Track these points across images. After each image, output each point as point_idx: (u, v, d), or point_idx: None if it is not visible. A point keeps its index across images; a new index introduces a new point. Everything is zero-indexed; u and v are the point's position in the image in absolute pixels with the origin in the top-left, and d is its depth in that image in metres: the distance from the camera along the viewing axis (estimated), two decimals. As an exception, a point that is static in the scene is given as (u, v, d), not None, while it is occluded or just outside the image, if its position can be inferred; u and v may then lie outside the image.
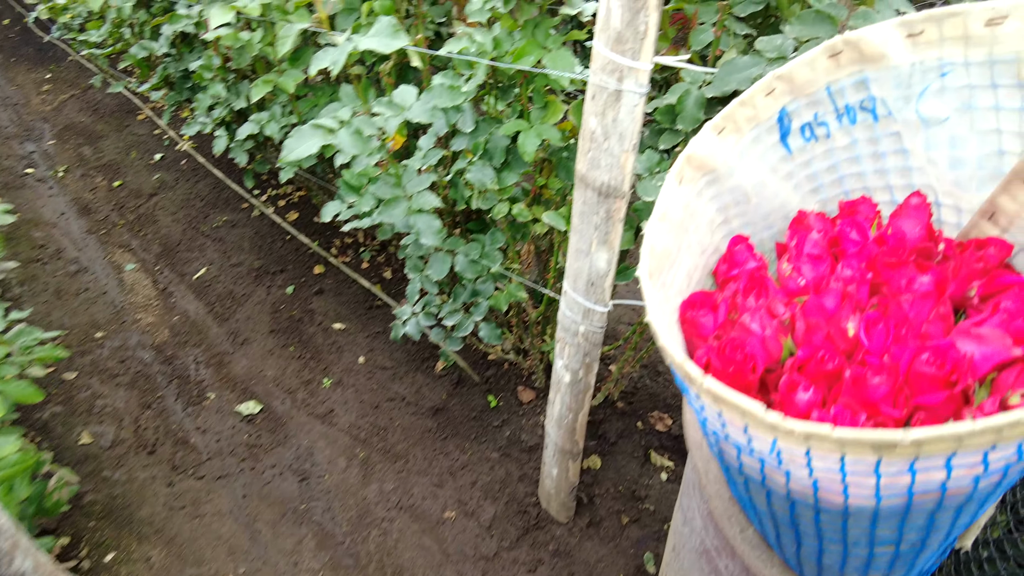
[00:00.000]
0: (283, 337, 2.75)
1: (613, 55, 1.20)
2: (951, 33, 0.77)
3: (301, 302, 2.87)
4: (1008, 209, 0.78)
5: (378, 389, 2.50)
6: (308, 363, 2.65)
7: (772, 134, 0.89)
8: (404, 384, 2.51)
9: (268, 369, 2.63)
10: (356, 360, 2.61)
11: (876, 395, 0.72)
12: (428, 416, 2.40)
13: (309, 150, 1.42)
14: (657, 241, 0.78)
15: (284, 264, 3.08)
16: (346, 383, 2.56)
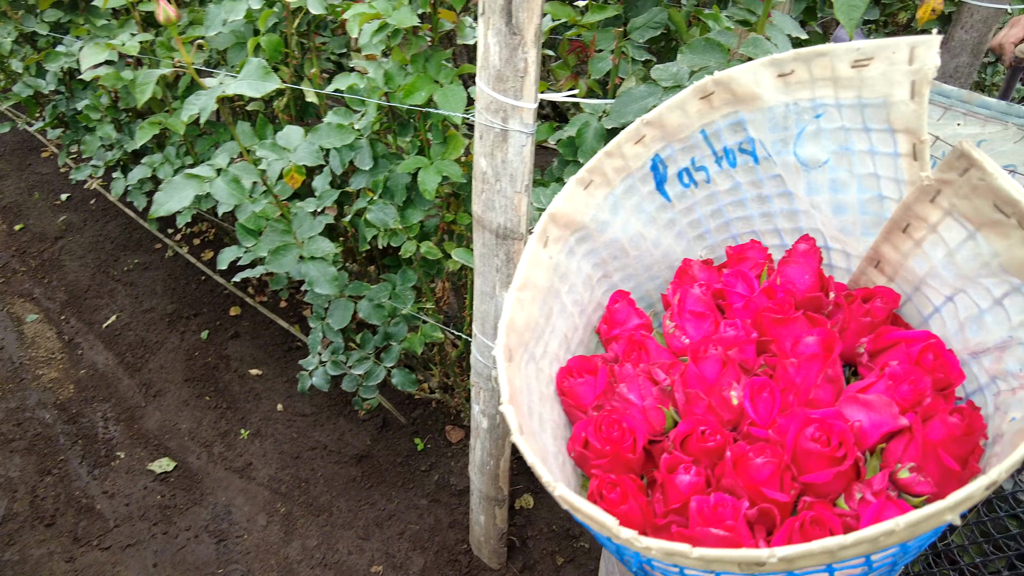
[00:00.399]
0: (198, 386, 2.60)
1: (495, 94, 1.13)
2: (820, 74, 0.71)
3: (216, 347, 2.72)
4: (891, 258, 0.73)
5: (299, 438, 2.38)
6: (224, 413, 2.50)
7: (647, 183, 0.83)
8: (326, 431, 2.39)
9: (183, 422, 2.48)
10: (275, 408, 2.48)
11: (760, 477, 0.66)
12: (352, 464, 2.28)
13: (182, 203, 1.31)
14: (518, 314, 0.70)
15: (199, 307, 2.93)
16: (265, 433, 2.42)
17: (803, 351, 0.72)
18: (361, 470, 2.24)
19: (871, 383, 0.69)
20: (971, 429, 0.60)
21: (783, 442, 0.67)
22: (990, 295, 0.63)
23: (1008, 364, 0.61)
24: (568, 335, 0.82)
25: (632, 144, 0.79)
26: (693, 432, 0.71)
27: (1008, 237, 0.59)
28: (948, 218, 0.64)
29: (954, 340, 0.69)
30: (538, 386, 0.75)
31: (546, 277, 0.75)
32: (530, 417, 0.70)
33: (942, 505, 0.47)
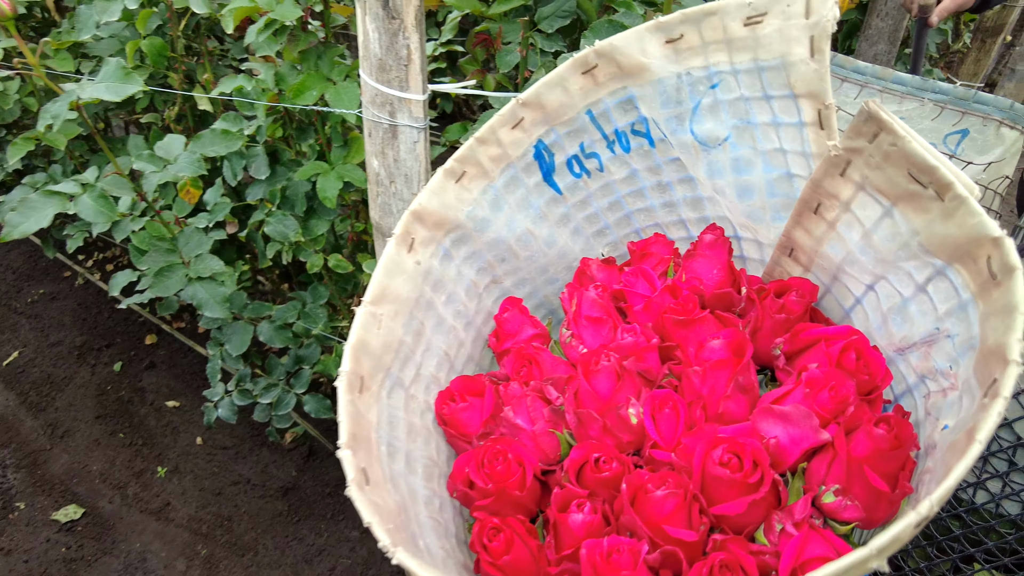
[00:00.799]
0: (111, 423, 2.40)
1: (379, 86, 1.01)
2: (712, 36, 0.62)
3: (131, 379, 2.53)
4: (805, 244, 0.63)
5: (220, 472, 2.20)
6: (140, 450, 2.31)
7: (532, 174, 0.72)
8: (249, 464, 2.22)
9: (93, 463, 2.28)
10: (194, 441, 2.30)
11: (662, 512, 0.55)
12: (278, 498, 2.12)
13: (39, 223, 1.16)
14: (372, 334, 0.58)
15: (112, 337, 2.72)
16: (183, 470, 2.24)
17: (709, 357, 0.62)
18: (287, 503, 2.09)
19: (788, 391, 0.59)
20: (900, 441, 0.51)
21: (689, 467, 0.57)
22: (912, 281, 0.53)
23: (936, 361, 0.52)
24: (450, 353, 0.71)
25: (509, 129, 0.68)
26: (587, 460, 0.60)
27: (926, 211, 0.49)
28: (861, 193, 0.54)
29: (878, 335, 0.60)
30: (407, 417, 0.63)
31: (412, 287, 0.63)
32: (390, 458, 0.58)
33: (863, 554, 0.37)
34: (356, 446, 0.52)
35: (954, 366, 0.50)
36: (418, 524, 0.57)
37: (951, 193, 0.47)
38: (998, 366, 0.42)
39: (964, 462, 0.38)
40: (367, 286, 1.76)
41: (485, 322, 0.76)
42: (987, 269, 0.46)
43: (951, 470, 0.38)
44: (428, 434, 0.65)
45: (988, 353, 0.43)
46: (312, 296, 1.62)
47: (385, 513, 0.50)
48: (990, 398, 0.40)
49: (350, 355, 0.56)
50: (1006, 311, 0.43)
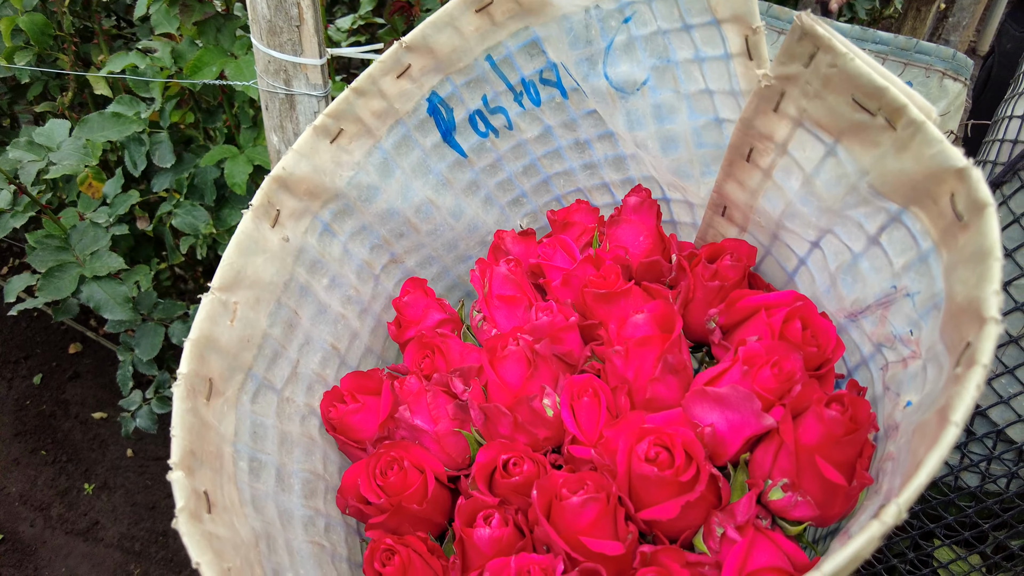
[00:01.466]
0: (31, 440, 2.23)
1: (271, 51, 0.90)
2: (621, -43, 0.52)
3: (53, 392, 2.36)
4: (738, 199, 0.54)
5: (153, 485, 2.06)
6: (64, 467, 2.15)
7: (428, 133, 0.62)
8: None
9: (12, 484, 2.11)
10: (123, 454, 2.15)
11: (580, 522, 0.46)
12: (217, 509, 1.98)
13: None
14: (221, 327, 0.48)
15: (30, 348, 2.54)
16: (113, 485, 2.09)
17: (632, 334, 0.52)
18: (227, 516, 1.95)
19: (724, 369, 0.50)
20: (856, 424, 0.42)
21: (612, 465, 0.48)
22: (863, 232, 0.45)
23: (895, 325, 0.44)
24: (340, 346, 0.60)
25: (394, 78, 0.57)
26: (496, 462, 0.51)
27: (876, 144, 0.41)
28: (799, 130, 0.45)
29: (826, 300, 0.52)
30: (280, 425, 0.52)
31: (278, 269, 0.53)
32: (254, 476, 0.48)
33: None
34: (196, 465, 0.41)
35: (915, 330, 0.42)
36: (289, 553, 0.47)
37: (904, 119, 0.38)
38: (971, 326, 0.33)
39: (937, 451, 0.29)
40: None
41: (386, 309, 0.66)
42: (951, 209, 0.37)
43: (921, 462, 0.29)
44: (310, 444, 0.55)
45: (957, 312, 0.35)
46: (234, 293, 1.49)
47: (229, 548, 0.39)
48: (964, 367, 0.32)
49: (191, 354, 0.45)
50: (977, 258, 0.34)
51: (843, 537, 0.41)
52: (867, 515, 0.37)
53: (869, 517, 0.35)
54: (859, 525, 0.37)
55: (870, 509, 0.39)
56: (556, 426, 0.53)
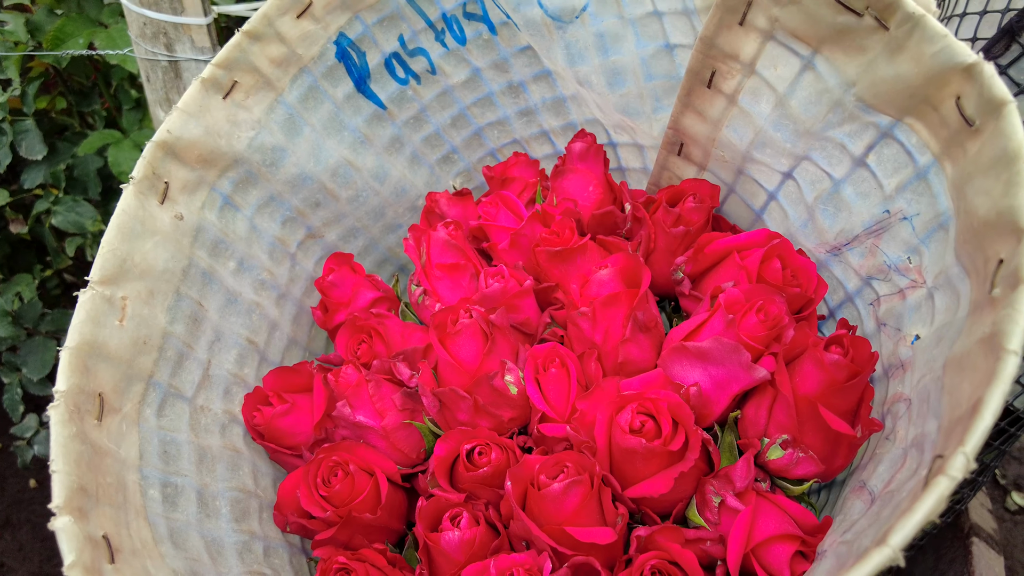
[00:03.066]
0: (-88, 482, 1.99)
1: (146, 11, 0.78)
2: None
3: (-68, 426, 2.11)
4: (698, 134, 0.49)
5: (61, 516, 1.87)
6: (-45, 509, 1.93)
7: (338, 82, 0.53)
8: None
9: None
10: (25, 486, 1.94)
11: (563, 511, 0.40)
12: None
13: None
14: (107, 330, 0.38)
15: (-100, 380, 2.26)
16: (17, 520, 1.89)
17: (597, 292, 0.46)
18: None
19: (703, 320, 0.45)
20: (858, 366, 0.38)
21: (591, 441, 0.42)
22: (847, 154, 0.40)
23: (888, 255, 0.40)
24: (258, 341, 0.52)
25: (293, 19, 0.49)
26: (458, 453, 0.44)
27: (865, 50, 0.36)
28: (770, 44, 0.40)
29: (803, 235, 0.47)
30: (196, 440, 0.44)
31: (173, 254, 0.44)
32: (169, 505, 0.39)
33: (884, 555, 0.23)
34: (88, 505, 0.33)
35: (914, 257, 0.38)
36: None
37: (899, 14, 0.33)
38: (1004, 241, 0.29)
39: (998, 386, 0.25)
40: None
41: (308, 292, 0.58)
42: (957, 115, 0.33)
43: (982, 400, 0.25)
44: (235, 457, 0.47)
45: (981, 226, 0.31)
46: (131, 295, 1.35)
47: (144, 604, 0.31)
48: (1005, 287, 0.27)
49: (70, 365, 0.36)
50: (1001, 164, 0.30)
51: (860, 491, 0.36)
52: (893, 466, 0.33)
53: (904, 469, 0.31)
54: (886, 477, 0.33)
55: (890, 459, 0.35)
56: (522, 404, 0.46)
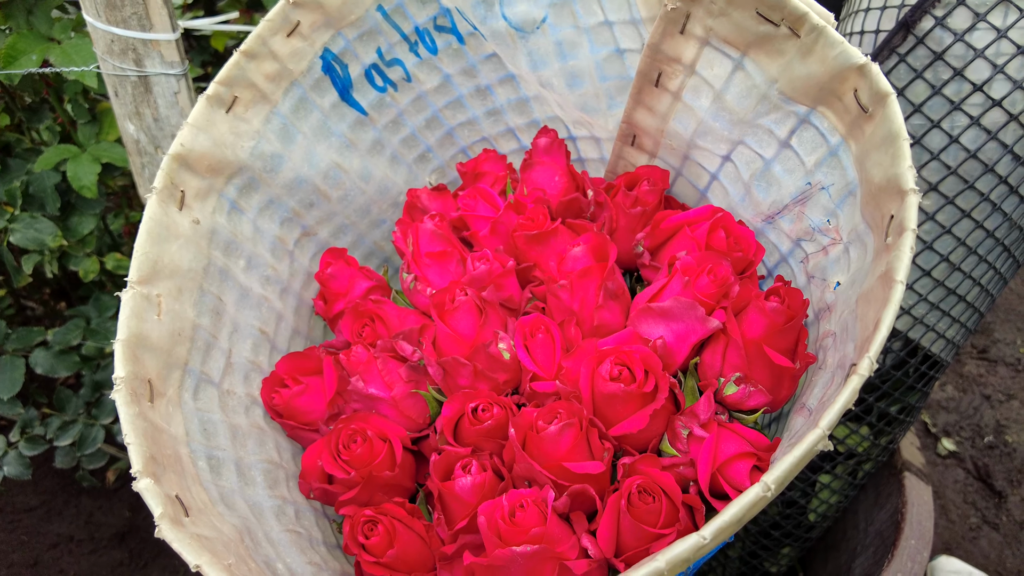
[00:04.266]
0: None
1: (112, 28, 0.81)
2: None
3: None
4: (648, 126, 0.57)
5: (31, 540, 1.86)
6: (-84, 540, 1.89)
7: (325, 93, 0.59)
8: (67, 519, 1.89)
9: None
10: (-11, 510, 1.92)
11: (559, 449, 0.47)
12: (113, 547, 1.83)
13: None
14: (149, 323, 0.44)
15: None
16: (-17, 546, 1.86)
17: (572, 267, 0.54)
18: (127, 550, 1.81)
19: (663, 284, 0.53)
20: (794, 311, 0.47)
21: (577, 391, 0.50)
22: (774, 138, 0.49)
23: (812, 219, 0.48)
24: (267, 330, 0.57)
25: (284, 37, 0.54)
26: (463, 412, 0.51)
27: (782, 53, 0.44)
28: (706, 49, 0.48)
29: (742, 208, 0.56)
30: (227, 419, 0.49)
31: (195, 254, 0.49)
32: (215, 474, 0.45)
33: (815, 435, 0.31)
34: (160, 471, 0.38)
35: (832, 219, 0.46)
36: (272, 545, 0.45)
37: (807, 25, 0.42)
38: (893, 201, 0.37)
39: (890, 307, 0.33)
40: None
41: (306, 285, 0.63)
42: (855, 104, 0.41)
43: (879, 320, 0.33)
44: (261, 433, 0.52)
45: (877, 191, 0.39)
46: (96, 308, 1.36)
47: (220, 546, 0.37)
48: (895, 235, 0.36)
49: (124, 355, 0.41)
50: (888, 141, 0.38)
51: (800, 410, 0.45)
52: (824, 386, 0.42)
53: (833, 386, 0.39)
54: (820, 395, 0.42)
55: (822, 382, 0.43)
56: (514, 368, 0.53)
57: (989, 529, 1.61)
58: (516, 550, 0.42)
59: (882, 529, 1.03)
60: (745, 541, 1.12)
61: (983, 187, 0.76)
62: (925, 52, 0.74)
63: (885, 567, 0.88)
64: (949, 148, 0.75)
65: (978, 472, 1.71)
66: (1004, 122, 0.74)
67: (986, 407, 1.86)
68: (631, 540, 0.45)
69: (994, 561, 1.54)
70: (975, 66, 0.73)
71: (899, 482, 1.05)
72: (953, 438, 1.79)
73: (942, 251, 0.80)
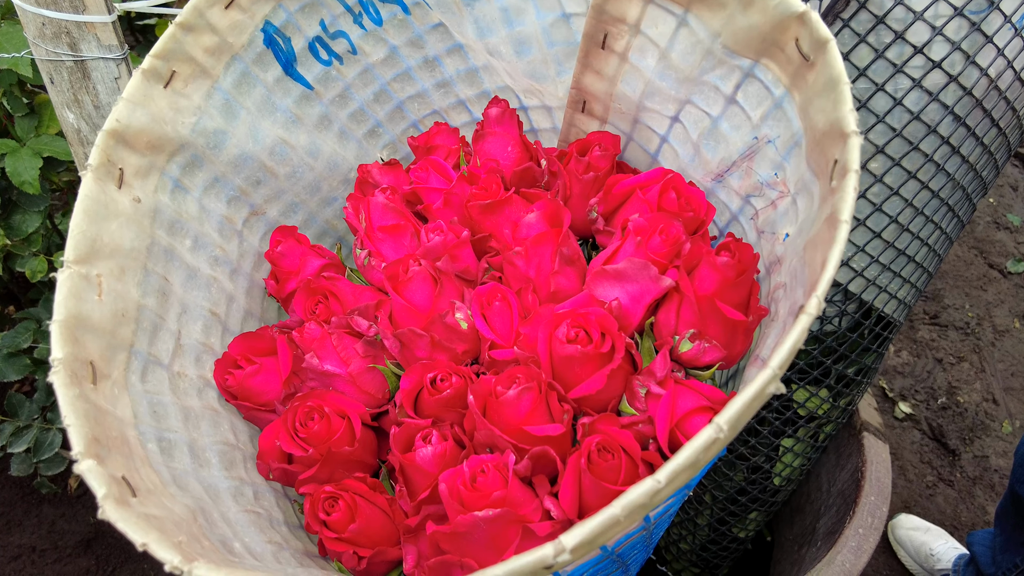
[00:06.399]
0: None
1: (43, 11, 0.78)
2: None
3: None
4: (597, 90, 0.57)
5: (-14, 554, 1.80)
6: None
7: (268, 67, 0.57)
8: (28, 529, 1.84)
9: None
10: (-59, 525, 1.85)
11: (519, 413, 0.47)
12: (79, 554, 1.79)
13: None
14: (89, 304, 0.42)
15: None
16: (-64, 562, 1.80)
17: (527, 234, 0.54)
18: (94, 557, 1.77)
19: (617, 247, 0.53)
20: (744, 264, 0.47)
21: (535, 356, 0.49)
22: (720, 95, 0.49)
23: (760, 174, 0.48)
24: (219, 312, 0.56)
25: (223, 9, 0.52)
26: (422, 384, 0.50)
27: (724, 6, 0.44)
28: (650, 7, 0.48)
29: (692, 169, 0.56)
30: (179, 401, 0.48)
31: (136, 233, 0.47)
32: (167, 456, 0.44)
33: (766, 376, 0.31)
34: (104, 452, 0.37)
35: (780, 172, 0.46)
36: (228, 524, 0.43)
37: (746, -25, 0.42)
38: (836, 145, 0.38)
39: (836, 247, 0.33)
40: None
41: (257, 266, 0.62)
42: (797, 53, 0.41)
43: (826, 261, 0.33)
44: (215, 415, 0.51)
45: (821, 137, 0.39)
46: (47, 310, 1.32)
47: (170, 525, 0.36)
48: (839, 177, 0.36)
49: (62, 336, 0.39)
50: (829, 86, 0.38)
51: (755, 361, 0.45)
52: (777, 335, 0.42)
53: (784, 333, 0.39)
54: (772, 345, 0.42)
55: (775, 333, 0.44)
56: (472, 338, 0.53)
57: (944, 486, 1.66)
58: (478, 515, 0.42)
59: (844, 488, 1.05)
60: (713, 508, 1.14)
61: (927, 148, 0.78)
62: (867, 16, 0.75)
63: (847, 523, 0.90)
64: (894, 111, 0.77)
65: (933, 433, 1.77)
66: (944, 83, 0.75)
67: (939, 370, 1.92)
68: (593, 499, 0.45)
69: (950, 516, 1.60)
70: (915, 28, 0.74)
71: (858, 442, 1.07)
72: (909, 401, 1.85)
73: (891, 212, 0.82)
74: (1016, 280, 2.16)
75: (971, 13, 0.73)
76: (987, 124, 0.81)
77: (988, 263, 2.21)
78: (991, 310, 2.07)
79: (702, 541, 1.19)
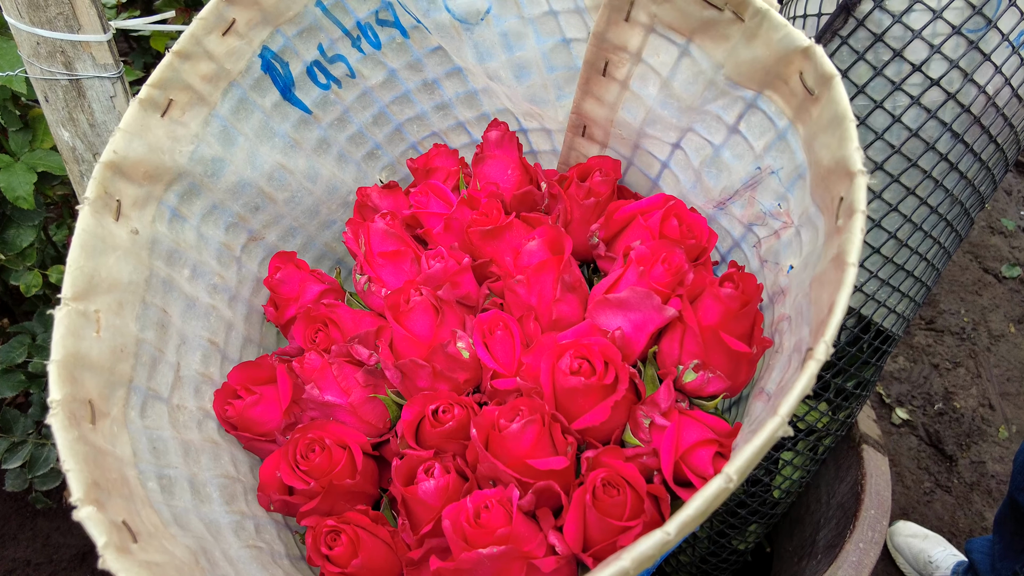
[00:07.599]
0: None
1: (37, 29, 0.77)
2: None
3: None
4: (598, 116, 0.56)
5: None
6: None
7: (266, 93, 0.57)
8: (23, 543, 1.83)
9: None
10: (-66, 540, 1.84)
11: (522, 446, 0.47)
12: (75, 567, 1.78)
13: None
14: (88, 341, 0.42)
15: None
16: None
17: (528, 261, 0.53)
18: (89, 570, 1.75)
19: (619, 275, 0.52)
20: (748, 296, 0.47)
21: (538, 387, 0.49)
22: (722, 124, 0.49)
23: (763, 203, 0.48)
24: (218, 340, 0.55)
25: (219, 36, 0.52)
26: (424, 415, 0.50)
27: (727, 38, 0.44)
28: (652, 36, 0.48)
29: (693, 195, 0.56)
30: (178, 435, 0.47)
31: (135, 266, 0.47)
32: (167, 494, 0.43)
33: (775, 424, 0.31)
34: (104, 496, 0.36)
35: (783, 203, 0.46)
36: (230, 563, 0.43)
37: (751, 9, 0.41)
38: (841, 183, 0.37)
39: (844, 291, 0.33)
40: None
41: (256, 292, 0.61)
42: (801, 86, 0.41)
43: (834, 303, 0.33)
44: (215, 447, 0.50)
45: (826, 173, 0.39)
46: (42, 324, 1.31)
47: (172, 571, 0.35)
48: (845, 217, 0.36)
49: (60, 377, 0.39)
50: (834, 123, 0.38)
51: (760, 395, 0.45)
52: (782, 370, 0.42)
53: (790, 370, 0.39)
54: (778, 379, 0.42)
55: (779, 365, 0.43)
56: (474, 367, 0.53)
57: (942, 492, 1.66)
58: (483, 552, 0.42)
59: (843, 501, 1.05)
60: (713, 521, 1.14)
61: (926, 164, 0.78)
62: (866, 34, 0.75)
63: (847, 537, 0.90)
64: (892, 128, 0.77)
65: (930, 438, 1.77)
66: (942, 101, 0.75)
67: (935, 376, 1.92)
68: (598, 534, 0.44)
69: (947, 522, 1.60)
70: (913, 47, 0.74)
71: (858, 455, 1.07)
72: (906, 407, 1.85)
73: (890, 228, 0.82)
74: (1011, 285, 2.17)
75: (969, 31, 0.73)
76: (985, 140, 0.81)
77: (983, 268, 2.22)
78: (986, 315, 2.08)
79: (702, 553, 1.19)
